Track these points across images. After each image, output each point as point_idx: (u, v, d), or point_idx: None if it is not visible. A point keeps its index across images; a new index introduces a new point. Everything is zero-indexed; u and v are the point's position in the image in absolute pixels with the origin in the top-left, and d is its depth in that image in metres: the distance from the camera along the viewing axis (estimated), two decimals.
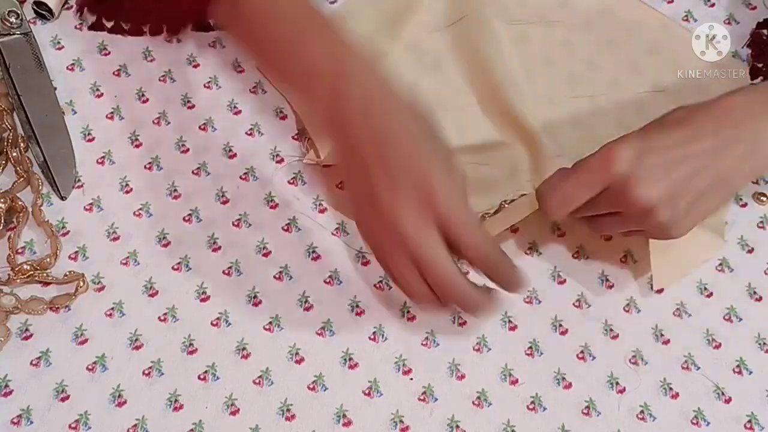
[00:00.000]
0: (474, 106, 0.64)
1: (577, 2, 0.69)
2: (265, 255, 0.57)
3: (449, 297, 0.48)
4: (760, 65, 0.66)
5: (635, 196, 0.48)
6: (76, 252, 0.56)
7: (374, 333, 0.55)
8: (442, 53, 0.66)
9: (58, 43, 0.65)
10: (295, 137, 0.62)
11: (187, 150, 0.61)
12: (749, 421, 0.53)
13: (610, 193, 0.49)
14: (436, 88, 0.64)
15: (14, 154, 0.59)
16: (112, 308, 0.54)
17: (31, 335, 0.53)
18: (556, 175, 0.52)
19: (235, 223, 0.58)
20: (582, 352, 0.55)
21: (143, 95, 0.63)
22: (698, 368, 0.55)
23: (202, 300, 0.55)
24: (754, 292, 0.58)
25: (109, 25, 0.65)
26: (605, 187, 0.49)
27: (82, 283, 0.54)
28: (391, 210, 0.46)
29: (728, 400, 0.54)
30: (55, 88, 0.62)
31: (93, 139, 0.61)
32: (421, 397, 0.53)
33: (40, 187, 0.58)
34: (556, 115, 0.64)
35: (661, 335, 0.56)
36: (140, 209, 0.58)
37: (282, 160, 0.61)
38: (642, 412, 0.53)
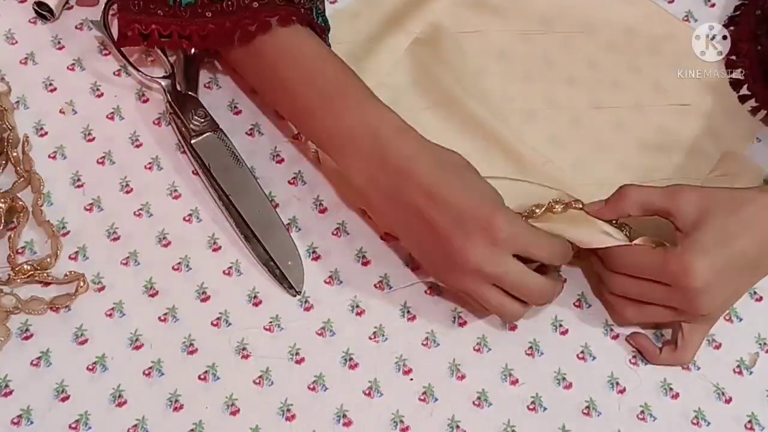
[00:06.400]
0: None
1: (577, 5, 0.69)
2: None
3: (538, 300, 0.52)
4: (734, 58, 0.66)
5: (698, 305, 0.51)
6: (76, 252, 0.56)
7: (374, 333, 0.55)
8: (444, 54, 0.66)
9: (59, 42, 0.65)
10: (295, 137, 0.62)
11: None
12: (749, 422, 0.53)
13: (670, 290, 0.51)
14: (436, 86, 0.64)
15: (14, 154, 0.59)
16: (112, 308, 0.54)
17: (31, 335, 0.53)
18: (628, 282, 0.53)
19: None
20: (582, 352, 0.55)
21: (143, 95, 0.63)
22: (698, 368, 0.55)
23: (203, 300, 0.55)
24: (755, 292, 0.58)
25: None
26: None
27: (82, 283, 0.54)
28: (464, 253, 0.49)
29: (728, 400, 0.54)
30: (55, 90, 0.63)
31: (93, 139, 0.61)
32: (422, 397, 0.53)
33: (41, 187, 0.58)
34: (558, 118, 0.64)
35: (662, 335, 0.56)
36: (140, 209, 0.58)
37: (282, 161, 0.61)
38: (642, 412, 0.53)
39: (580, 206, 0.54)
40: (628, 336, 0.55)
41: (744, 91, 0.65)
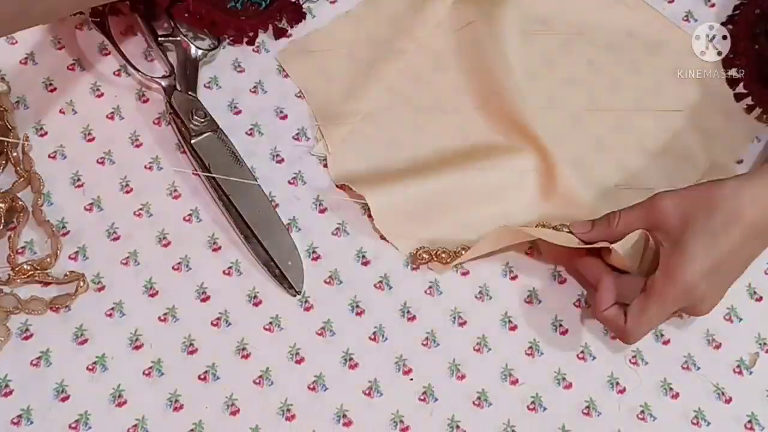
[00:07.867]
0: (477, 109, 0.64)
1: (577, 6, 0.69)
2: None
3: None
4: (732, 56, 0.66)
5: (700, 310, 0.52)
6: (76, 252, 0.56)
7: (374, 333, 0.55)
8: (447, 55, 0.66)
9: (59, 42, 0.65)
10: (295, 137, 0.62)
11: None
12: (749, 421, 0.53)
13: None
14: (439, 88, 0.64)
15: (14, 154, 0.59)
16: (112, 308, 0.55)
17: (31, 335, 0.53)
18: (636, 305, 0.52)
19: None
20: (582, 352, 0.55)
21: (143, 95, 0.63)
22: (698, 368, 0.55)
23: (203, 300, 0.55)
24: (755, 292, 0.58)
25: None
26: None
27: (82, 283, 0.54)
28: None
29: (728, 400, 0.54)
30: (55, 90, 0.63)
31: (93, 139, 0.61)
32: (422, 397, 0.53)
33: (41, 187, 0.58)
34: (557, 118, 0.64)
35: (662, 335, 0.56)
36: (140, 209, 0.58)
37: (282, 161, 0.61)
38: (642, 412, 0.53)
39: (567, 230, 0.56)
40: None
41: (740, 89, 0.65)
